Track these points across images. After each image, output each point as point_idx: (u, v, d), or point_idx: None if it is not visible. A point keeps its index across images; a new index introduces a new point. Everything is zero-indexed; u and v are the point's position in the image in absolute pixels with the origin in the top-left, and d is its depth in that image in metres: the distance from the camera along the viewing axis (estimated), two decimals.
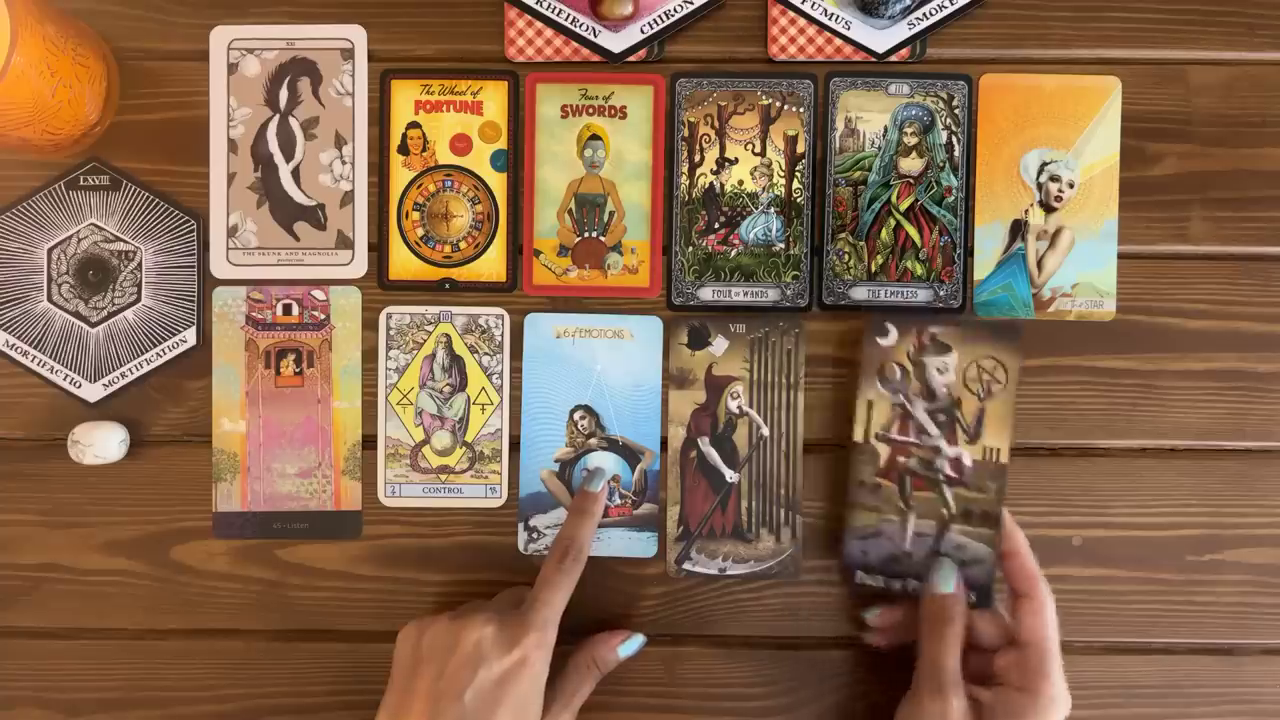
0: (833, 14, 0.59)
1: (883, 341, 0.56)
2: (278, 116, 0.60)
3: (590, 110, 0.59)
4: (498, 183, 0.60)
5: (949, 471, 0.56)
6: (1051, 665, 0.52)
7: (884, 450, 0.57)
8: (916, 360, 0.56)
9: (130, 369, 0.59)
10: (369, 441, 0.60)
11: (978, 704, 0.52)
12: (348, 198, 0.60)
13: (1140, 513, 0.59)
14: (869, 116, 0.59)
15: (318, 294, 0.60)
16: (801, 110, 0.59)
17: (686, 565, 0.59)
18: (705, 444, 0.59)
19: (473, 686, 0.49)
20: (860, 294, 0.59)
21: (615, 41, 0.59)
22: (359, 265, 0.60)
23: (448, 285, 0.60)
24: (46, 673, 0.59)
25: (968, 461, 0.55)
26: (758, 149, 0.59)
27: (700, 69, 0.59)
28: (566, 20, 0.59)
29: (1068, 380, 0.59)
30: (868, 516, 0.57)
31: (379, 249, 0.60)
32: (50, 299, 0.59)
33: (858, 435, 0.57)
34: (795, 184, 0.59)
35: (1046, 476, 0.59)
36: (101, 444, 0.58)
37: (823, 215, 0.59)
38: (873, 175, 0.59)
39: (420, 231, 0.60)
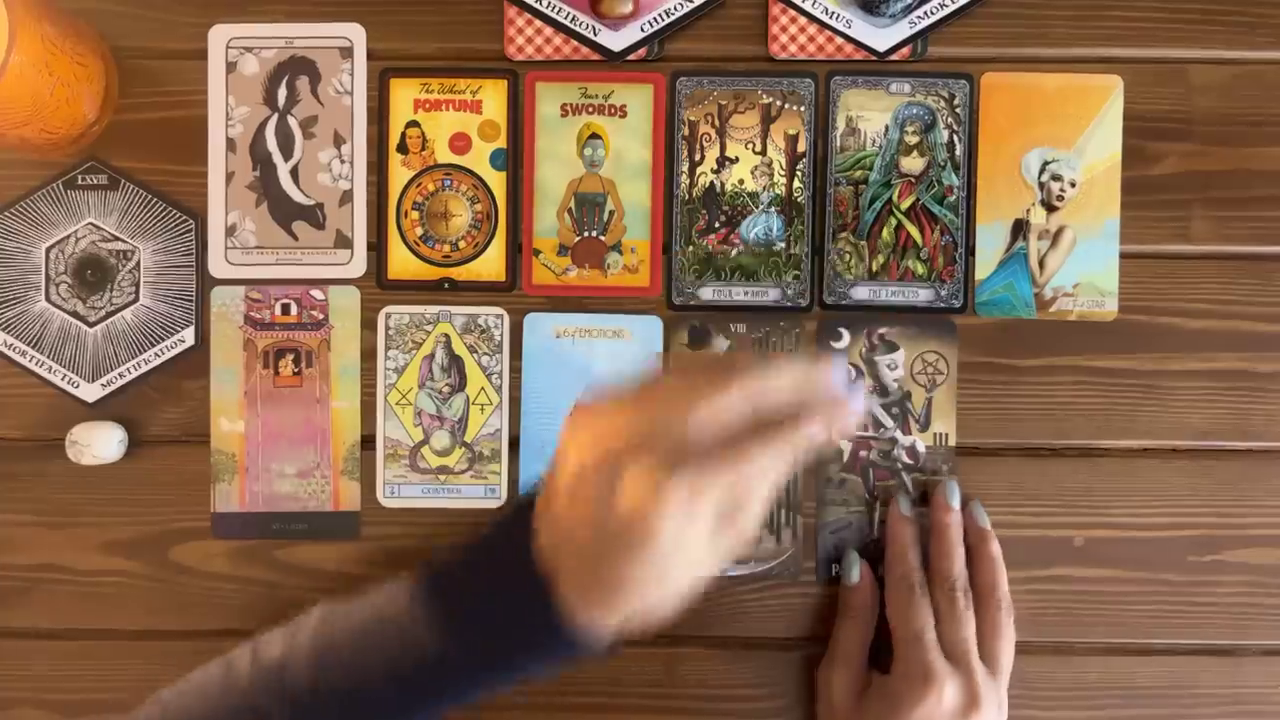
0: (834, 12, 0.58)
1: (836, 345, 0.59)
2: (276, 115, 0.59)
3: (590, 109, 0.59)
4: (497, 182, 0.59)
5: (905, 459, 0.59)
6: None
7: (846, 446, 0.59)
8: (869, 359, 0.59)
9: (128, 369, 0.59)
10: (368, 442, 0.59)
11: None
12: (346, 197, 0.59)
13: (1141, 513, 0.59)
14: (870, 115, 0.59)
15: (316, 294, 0.59)
16: (802, 109, 0.59)
17: None
18: None
19: None
20: (861, 294, 0.59)
21: (615, 40, 0.59)
22: (358, 265, 0.59)
23: (447, 285, 0.59)
24: (46, 673, 0.59)
25: (921, 448, 0.59)
26: (758, 148, 0.59)
27: (700, 68, 0.59)
28: (566, 19, 0.58)
29: (1069, 380, 0.59)
30: (837, 511, 0.59)
31: (378, 248, 0.59)
32: (48, 299, 0.59)
33: None
34: (796, 183, 0.59)
35: (1047, 476, 0.59)
36: (100, 444, 0.57)
37: (823, 215, 0.59)
38: (874, 174, 0.59)
39: (419, 231, 0.59)
